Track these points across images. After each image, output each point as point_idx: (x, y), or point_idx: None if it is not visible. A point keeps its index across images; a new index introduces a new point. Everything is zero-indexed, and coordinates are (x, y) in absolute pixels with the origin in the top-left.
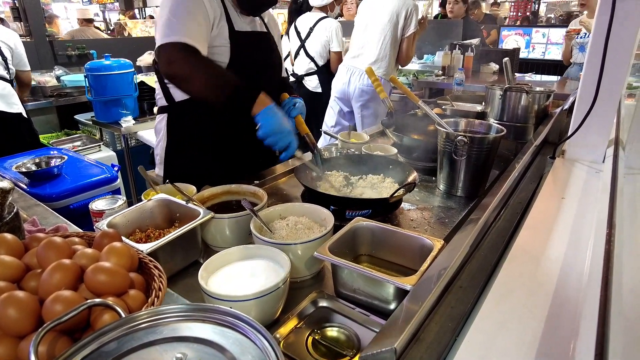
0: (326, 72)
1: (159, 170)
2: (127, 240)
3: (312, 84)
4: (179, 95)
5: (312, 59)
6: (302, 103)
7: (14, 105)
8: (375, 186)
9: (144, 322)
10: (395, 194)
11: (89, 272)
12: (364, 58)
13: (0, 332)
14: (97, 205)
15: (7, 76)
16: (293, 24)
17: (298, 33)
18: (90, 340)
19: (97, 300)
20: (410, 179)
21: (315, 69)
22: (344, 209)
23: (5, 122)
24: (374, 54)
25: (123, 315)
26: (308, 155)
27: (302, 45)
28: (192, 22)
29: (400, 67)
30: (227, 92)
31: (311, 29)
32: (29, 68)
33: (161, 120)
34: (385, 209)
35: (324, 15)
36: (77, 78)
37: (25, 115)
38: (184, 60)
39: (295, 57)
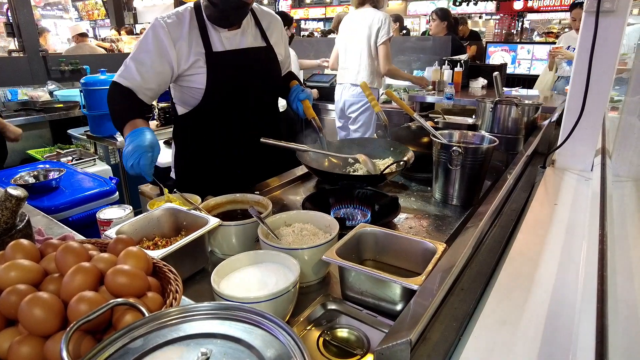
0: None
1: (173, 175)
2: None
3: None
4: (180, 109)
5: None
6: (310, 91)
7: None
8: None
9: (170, 319)
10: (387, 170)
11: (109, 274)
12: (348, 72)
13: (25, 332)
14: (105, 214)
15: None
16: None
17: None
18: (119, 336)
19: (121, 299)
20: (406, 157)
21: None
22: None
23: None
24: (355, 67)
25: (147, 315)
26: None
27: None
28: (138, 64)
29: (383, 75)
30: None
31: None
32: None
33: (172, 131)
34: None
35: None
36: (70, 93)
37: None
38: (110, 98)
39: None
